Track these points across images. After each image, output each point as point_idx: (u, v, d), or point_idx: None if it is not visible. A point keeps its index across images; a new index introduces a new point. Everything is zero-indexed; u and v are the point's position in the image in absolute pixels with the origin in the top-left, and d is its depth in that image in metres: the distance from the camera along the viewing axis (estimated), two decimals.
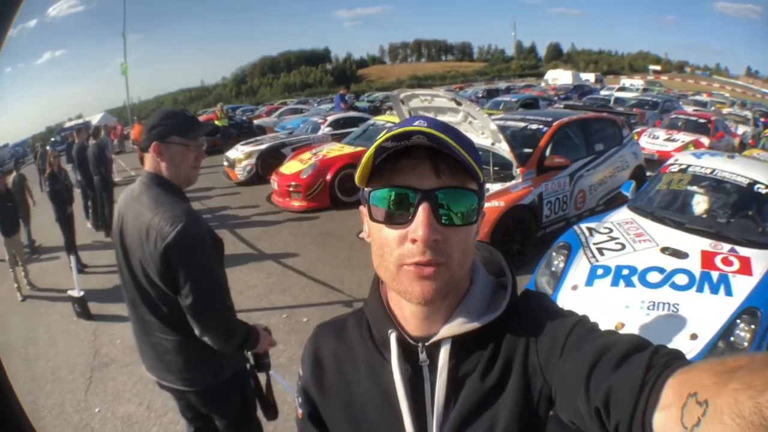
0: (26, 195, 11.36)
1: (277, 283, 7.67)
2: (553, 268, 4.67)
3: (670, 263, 4.24)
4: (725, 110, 24.88)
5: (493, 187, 7.18)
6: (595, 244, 4.73)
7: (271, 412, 2.85)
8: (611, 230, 4.94)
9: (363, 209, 1.04)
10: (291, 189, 11.13)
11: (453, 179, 0.95)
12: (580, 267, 4.46)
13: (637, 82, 48.64)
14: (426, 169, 0.94)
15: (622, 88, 35.87)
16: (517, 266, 6.86)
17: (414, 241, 0.92)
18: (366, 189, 1.00)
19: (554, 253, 4.86)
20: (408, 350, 1.06)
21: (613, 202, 8.15)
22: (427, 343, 1.05)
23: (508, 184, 7.19)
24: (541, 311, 1.07)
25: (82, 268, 8.65)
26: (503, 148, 7.09)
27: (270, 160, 14.15)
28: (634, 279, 4.08)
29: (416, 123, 0.93)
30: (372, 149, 0.93)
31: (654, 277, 4.10)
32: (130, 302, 2.54)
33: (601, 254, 4.53)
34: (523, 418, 1.00)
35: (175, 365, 2.52)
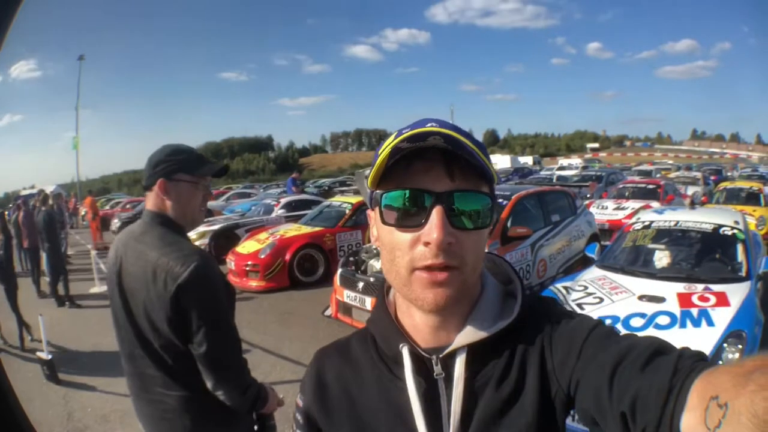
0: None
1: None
2: None
3: (650, 308, 4.56)
4: (672, 175, 26.02)
5: None
6: (573, 300, 4.95)
7: None
8: (586, 287, 5.20)
9: (371, 213, 1.04)
10: (248, 268, 10.98)
11: (466, 182, 0.94)
12: None
13: (576, 161, 50.37)
14: (440, 172, 0.93)
15: (562, 168, 36.97)
16: None
17: (427, 244, 0.90)
18: (377, 191, 0.98)
19: None
20: (421, 363, 1.03)
21: (572, 270, 8.41)
22: (441, 355, 1.01)
23: None
24: (554, 315, 1.05)
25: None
26: None
27: (223, 240, 14.07)
28: (618, 326, 4.25)
29: (429, 124, 0.91)
30: (387, 150, 0.91)
31: (637, 321, 4.36)
32: (128, 355, 2.28)
33: (581, 309, 4.71)
34: (542, 425, 0.97)
35: (179, 425, 2.24)
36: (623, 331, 3.17)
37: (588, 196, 16.83)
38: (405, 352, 1.02)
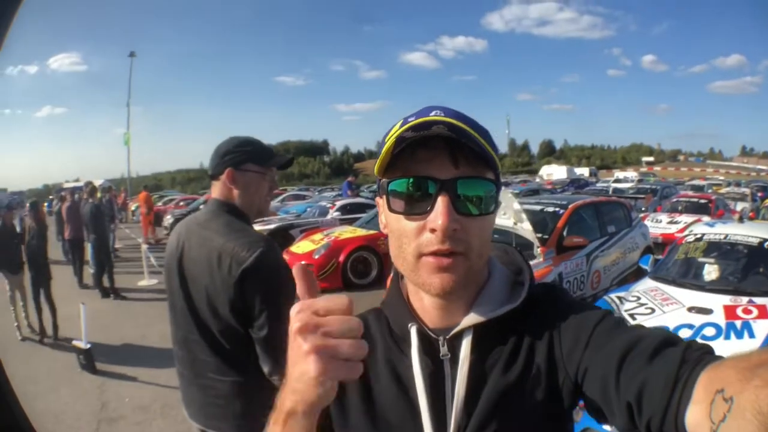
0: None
1: None
2: None
3: (698, 319, 4.70)
4: (722, 190, 26.23)
5: None
6: (626, 311, 5.06)
7: None
8: (639, 298, 5.33)
9: (380, 200, 1.05)
10: None
11: (471, 169, 0.95)
12: None
13: (631, 174, 49.92)
14: (444, 160, 0.94)
15: (618, 180, 36.64)
16: None
17: (433, 230, 0.92)
18: (383, 179, 1.00)
19: None
20: (428, 344, 1.04)
21: (625, 282, 8.24)
22: (448, 336, 1.03)
23: (530, 262, 7.18)
24: (563, 304, 1.07)
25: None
26: (526, 228, 7.22)
27: (279, 240, 13.77)
28: None
29: (433, 113, 0.94)
30: (392, 139, 0.92)
31: (685, 333, 4.48)
32: (182, 340, 2.34)
33: (633, 319, 4.83)
34: (547, 413, 0.98)
35: (230, 411, 2.25)
36: None
37: (643, 209, 16.81)
38: (413, 331, 1.05)
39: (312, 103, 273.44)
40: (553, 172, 54.51)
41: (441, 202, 0.91)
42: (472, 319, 1.01)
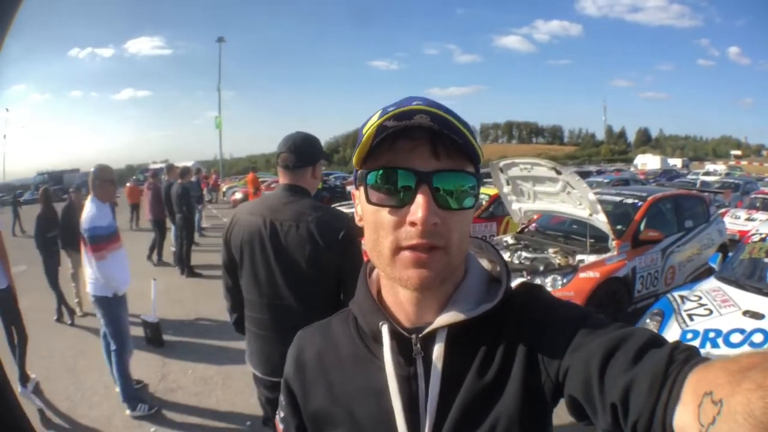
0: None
1: None
2: None
3: (750, 324, 4.63)
4: None
5: (588, 259, 7.23)
6: (686, 310, 5.10)
7: None
8: (701, 297, 5.31)
9: (356, 192, 1.03)
10: None
11: (452, 162, 0.92)
12: (671, 331, 4.81)
13: (720, 167, 48.60)
14: (425, 151, 0.91)
15: (707, 173, 36.02)
16: None
17: (413, 224, 0.89)
18: (362, 170, 0.96)
19: (648, 320, 5.24)
20: (401, 342, 1.02)
21: (699, 279, 7.87)
22: (421, 334, 1.00)
23: (603, 255, 7.24)
24: (542, 303, 1.05)
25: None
26: (600, 220, 7.16)
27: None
28: (719, 341, 4.49)
29: (415, 102, 0.90)
30: (372, 128, 0.89)
31: (736, 337, 4.50)
32: (266, 306, 2.76)
33: (691, 320, 4.92)
34: (526, 416, 0.95)
35: None
36: (722, 347, 3.92)
37: (726, 204, 16.55)
38: (384, 330, 1.02)
39: (406, 88, 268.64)
40: (648, 161, 53.24)
41: (421, 195, 0.89)
42: (446, 318, 0.99)
